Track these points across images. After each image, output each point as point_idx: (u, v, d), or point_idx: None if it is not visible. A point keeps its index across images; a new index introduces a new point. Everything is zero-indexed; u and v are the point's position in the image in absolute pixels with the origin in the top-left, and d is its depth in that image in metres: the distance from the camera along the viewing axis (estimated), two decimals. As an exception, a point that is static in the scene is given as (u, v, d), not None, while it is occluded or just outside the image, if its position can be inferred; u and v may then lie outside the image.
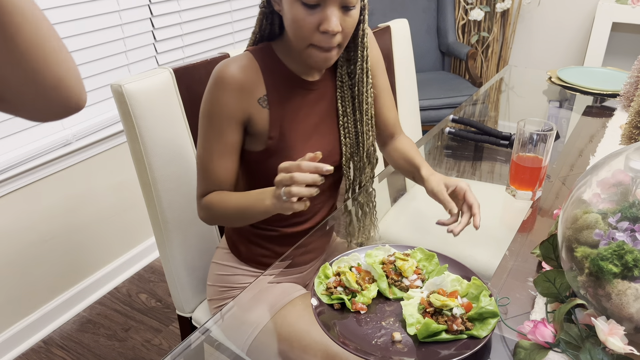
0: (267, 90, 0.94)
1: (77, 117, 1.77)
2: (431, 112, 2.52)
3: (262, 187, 1.05)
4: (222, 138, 0.93)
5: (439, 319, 0.72)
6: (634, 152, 0.71)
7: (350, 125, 1.04)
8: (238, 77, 0.91)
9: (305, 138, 0.99)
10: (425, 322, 0.71)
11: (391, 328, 0.74)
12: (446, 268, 0.83)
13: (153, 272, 2.08)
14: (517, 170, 1.11)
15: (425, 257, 0.86)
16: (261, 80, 0.93)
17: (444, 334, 0.71)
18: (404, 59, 1.68)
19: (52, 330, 1.80)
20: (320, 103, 1.01)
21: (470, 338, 0.71)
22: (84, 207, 1.83)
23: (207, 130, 0.94)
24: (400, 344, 0.71)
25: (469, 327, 0.71)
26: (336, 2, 0.84)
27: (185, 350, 0.77)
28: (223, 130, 0.93)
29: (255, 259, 1.08)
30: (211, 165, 0.95)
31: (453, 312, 0.72)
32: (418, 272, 0.83)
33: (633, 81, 1.45)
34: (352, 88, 1.02)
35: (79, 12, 1.68)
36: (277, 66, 0.95)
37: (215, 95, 0.91)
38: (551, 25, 2.91)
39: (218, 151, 0.94)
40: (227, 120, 0.92)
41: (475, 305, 0.74)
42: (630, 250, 0.63)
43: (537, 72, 1.97)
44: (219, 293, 1.09)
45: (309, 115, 0.99)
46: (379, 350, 0.70)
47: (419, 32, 2.90)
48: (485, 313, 0.72)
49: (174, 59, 2.09)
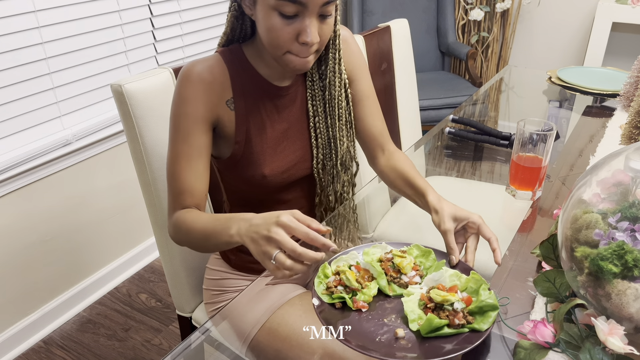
0: (233, 94, 0.91)
1: (77, 117, 1.77)
2: (431, 112, 2.52)
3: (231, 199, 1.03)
4: (189, 139, 0.87)
5: (440, 314, 0.73)
6: (634, 152, 0.71)
7: (322, 128, 0.98)
8: (205, 75, 0.87)
9: (274, 144, 0.95)
10: (428, 318, 0.71)
11: (393, 325, 0.75)
12: (444, 264, 0.83)
13: (153, 272, 2.08)
14: (517, 170, 1.11)
15: (422, 254, 0.86)
16: (228, 83, 0.90)
17: (446, 329, 0.72)
18: (404, 59, 1.68)
19: (52, 330, 1.80)
20: (291, 108, 0.97)
21: (471, 332, 0.71)
22: (84, 207, 1.83)
23: (174, 133, 0.88)
24: (403, 340, 0.72)
25: (470, 321, 0.72)
26: (314, 12, 0.79)
27: (185, 350, 0.77)
28: (190, 131, 0.87)
29: (245, 266, 1.07)
30: (179, 169, 0.88)
31: (454, 307, 0.73)
32: (416, 268, 0.83)
33: (633, 81, 1.45)
34: (323, 90, 0.97)
35: (79, 12, 1.68)
36: (246, 70, 0.92)
37: (182, 94, 0.87)
38: (551, 25, 2.91)
39: (185, 154, 0.87)
40: (194, 120, 0.87)
41: (475, 299, 0.74)
42: (630, 250, 0.63)
43: (537, 72, 1.97)
44: (213, 297, 1.09)
45: (278, 122, 0.95)
46: (383, 347, 0.71)
47: (419, 32, 2.90)
48: (486, 306, 0.72)
49: (174, 59, 2.09)
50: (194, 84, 0.87)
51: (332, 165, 1.01)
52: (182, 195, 0.88)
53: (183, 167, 0.88)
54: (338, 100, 0.97)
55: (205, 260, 1.17)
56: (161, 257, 1.15)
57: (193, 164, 0.88)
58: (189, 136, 0.87)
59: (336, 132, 0.99)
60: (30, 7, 1.54)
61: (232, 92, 0.91)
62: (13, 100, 1.57)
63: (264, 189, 0.98)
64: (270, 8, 0.79)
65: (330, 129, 0.99)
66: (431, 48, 2.95)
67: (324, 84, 0.97)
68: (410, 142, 1.77)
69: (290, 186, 1.01)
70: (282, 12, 0.78)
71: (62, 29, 1.65)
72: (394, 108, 1.69)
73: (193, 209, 0.89)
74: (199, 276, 1.18)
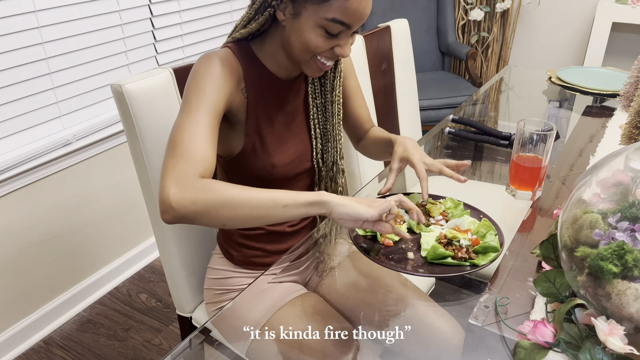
0: (245, 84, 0.94)
1: (77, 117, 1.77)
2: (431, 112, 2.52)
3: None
4: (213, 112, 0.84)
5: (448, 248, 0.87)
6: (634, 152, 0.71)
7: (321, 120, 1.04)
8: (227, 60, 0.91)
9: (280, 135, 0.99)
10: (433, 246, 0.86)
11: (408, 250, 0.90)
12: (469, 213, 0.98)
13: (153, 272, 2.08)
14: (517, 170, 1.11)
15: (454, 205, 1.01)
16: (242, 73, 0.93)
17: (450, 260, 0.85)
18: (404, 59, 1.68)
19: (52, 330, 1.80)
20: (294, 102, 1.01)
21: (471, 266, 0.85)
22: (84, 207, 1.83)
23: (197, 100, 0.84)
24: (411, 261, 0.87)
25: (473, 258, 0.86)
26: (352, 32, 0.87)
27: (185, 350, 0.77)
28: (214, 103, 0.85)
29: (248, 261, 1.08)
30: (202, 136, 0.81)
31: (460, 243, 0.88)
32: (444, 214, 0.98)
33: (633, 81, 1.45)
34: (322, 85, 1.03)
35: (79, 12, 1.68)
36: (256, 65, 0.95)
37: (207, 70, 0.87)
38: (551, 25, 2.91)
39: (209, 124, 0.83)
40: (219, 94, 0.86)
41: (482, 241, 0.88)
42: (630, 250, 0.63)
43: (537, 72, 1.97)
44: (215, 297, 1.09)
45: (282, 114, 1.00)
46: (392, 261, 0.87)
47: (419, 32, 2.90)
48: (489, 248, 0.86)
49: (174, 59, 2.09)
50: (218, 64, 0.89)
51: (329, 156, 1.07)
52: (205, 162, 0.80)
53: (208, 136, 0.82)
54: (337, 94, 1.04)
55: (205, 260, 1.17)
56: (161, 257, 1.15)
57: (213, 136, 0.83)
58: (214, 110, 0.85)
59: (334, 124, 1.05)
60: (30, 7, 1.54)
61: (244, 82, 0.94)
62: (13, 100, 1.56)
63: (269, 182, 1.00)
64: (317, 25, 0.84)
65: (328, 121, 1.05)
66: (431, 48, 2.95)
67: (324, 79, 1.03)
68: (410, 142, 1.77)
69: (292, 178, 1.04)
70: (327, 30, 0.84)
71: (62, 29, 1.65)
72: (394, 108, 1.69)
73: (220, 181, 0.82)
74: (199, 276, 1.18)
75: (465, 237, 0.89)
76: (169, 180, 0.76)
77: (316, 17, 0.83)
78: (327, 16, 0.82)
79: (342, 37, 0.87)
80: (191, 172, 0.77)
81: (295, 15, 0.85)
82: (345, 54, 0.88)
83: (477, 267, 0.84)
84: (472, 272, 0.84)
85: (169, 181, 0.76)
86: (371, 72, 1.55)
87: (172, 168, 0.77)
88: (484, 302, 0.82)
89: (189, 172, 0.77)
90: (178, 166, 0.77)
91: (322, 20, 0.83)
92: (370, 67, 1.55)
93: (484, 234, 0.90)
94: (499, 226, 0.93)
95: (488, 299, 0.82)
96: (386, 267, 0.85)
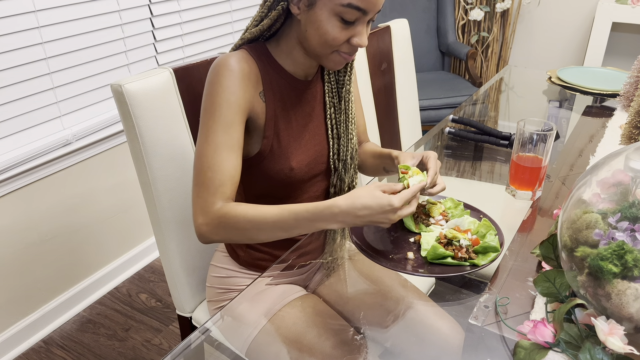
0: (263, 87, 0.93)
1: (77, 117, 1.77)
2: (431, 112, 2.52)
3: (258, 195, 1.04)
4: (231, 130, 0.87)
5: (448, 248, 0.87)
6: (634, 152, 0.71)
7: (339, 121, 1.04)
8: (243, 65, 0.89)
9: (298, 137, 0.99)
10: (433, 246, 0.86)
11: (408, 249, 0.91)
12: (469, 213, 0.97)
13: (153, 272, 2.08)
14: (517, 170, 1.11)
15: (454, 205, 1.00)
16: (259, 76, 0.93)
17: (449, 260, 0.85)
18: (404, 59, 1.68)
19: (52, 330, 1.80)
20: (312, 102, 1.01)
21: (471, 266, 0.85)
22: (83, 207, 1.83)
23: (213, 122, 0.87)
24: (411, 261, 0.88)
25: (473, 258, 0.86)
26: (368, 19, 0.86)
27: (185, 350, 0.77)
28: (232, 121, 0.87)
29: (254, 263, 1.07)
30: (220, 160, 0.86)
31: (460, 243, 0.88)
32: (444, 214, 0.97)
33: (633, 81, 1.45)
34: (339, 86, 1.03)
35: (79, 12, 1.68)
36: (273, 66, 0.95)
37: (223, 83, 0.87)
38: (551, 25, 2.91)
39: (228, 145, 0.87)
40: (236, 110, 0.88)
41: (482, 241, 0.88)
42: (630, 250, 0.63)
43: (537, 72, 1.97)
44: (217, 295, 1.09)
45: (301, 116, 0.99)
46: (392, 262, 0.87)
47: (419, 32, 2.90)
48: (488, 248, 0.86)
49: (174, 59, 2.09)
50: (235, 73, 0.88)
51: (346, 157, 1.07)
52: (223, 186, 0.86)
53: (225, 158, 0.86)
54: (350, 95, 1.04)
55: (205, 259, 1.17)
56: (161, 257, 1.15)
57: (234, 155, 0.88)
58: (231, 127, 0.87)
59: (349, 124, 1.05)
60: (30, 7, 1.54)
61: (262, 84, 0.93)
62: (13, 100, 1.57)
63: (286, 184, 0.99)
64: (332, 13, 0.84)
65: (344, 123, 1.04)
66: (431, 48, 2.95)
67: (340, 77, 1.02)
68: (410, 142, 1.77)
69: (309, 180, 1.03)
70: (343, 18, 0.84)
71: (62, 29, 1.65)
72: (394, 108, 1.69)
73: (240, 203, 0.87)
74: (199, 276, 1.18)
75: (465, 237, 0.89)
76: (196, 210, 0.87)
77: (331, 4, 0.83)
78: (342, 2, 0.82)
79: (359, 25, 0.86)
80: (211, 200, 0.86)
81: (310, 5, 0.85)
82: (363, 43, 0.87)
83: (477, 267, 0.84)
84: (472, 272, 0.84)
85: (196, 211, 0.87)
86: (371, 72, 1.55)
87: (197, 197, 0.87)
88: (484, 302, 0.82)
89: (209, 200, 0.86)
90: (202, 195, 0.86)
91: (338, 7, 0.82)
92: (370, 67, 1.55)
93: (484, 234, 0.90)
94: (499, 226, 0.92)
95: (488, 299, 0.82)
96: (386, 267, 0.86)
